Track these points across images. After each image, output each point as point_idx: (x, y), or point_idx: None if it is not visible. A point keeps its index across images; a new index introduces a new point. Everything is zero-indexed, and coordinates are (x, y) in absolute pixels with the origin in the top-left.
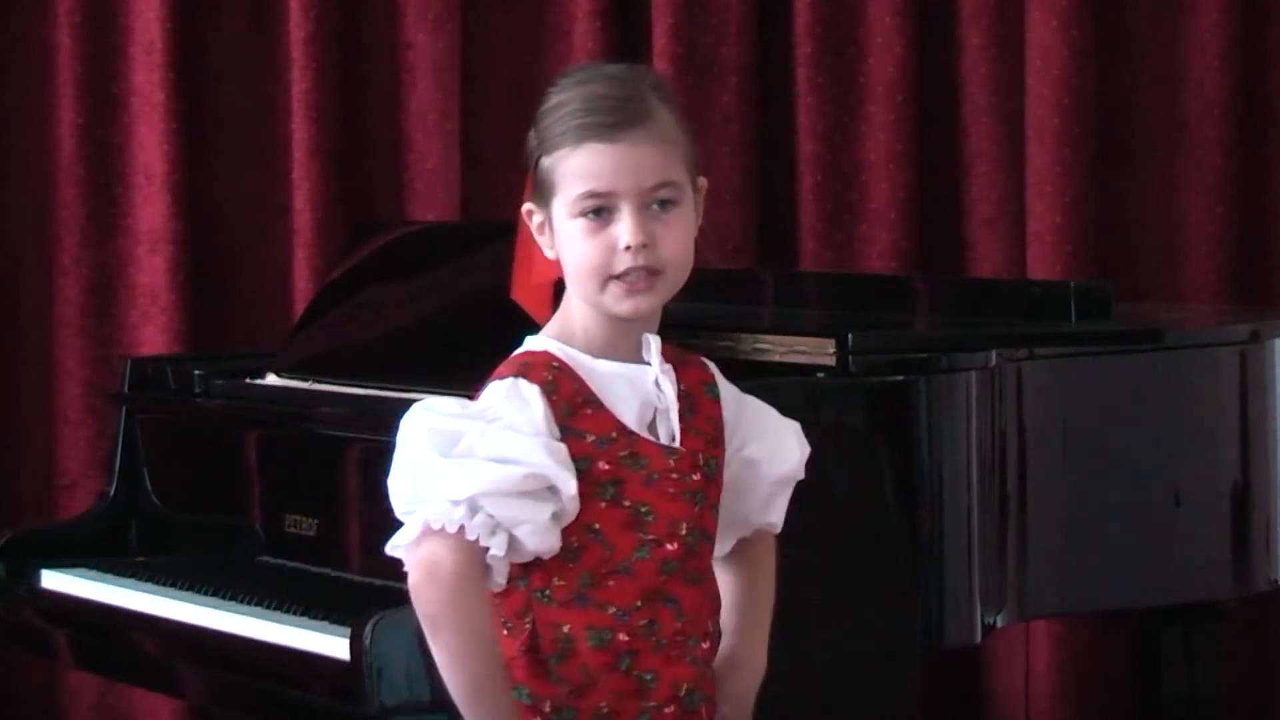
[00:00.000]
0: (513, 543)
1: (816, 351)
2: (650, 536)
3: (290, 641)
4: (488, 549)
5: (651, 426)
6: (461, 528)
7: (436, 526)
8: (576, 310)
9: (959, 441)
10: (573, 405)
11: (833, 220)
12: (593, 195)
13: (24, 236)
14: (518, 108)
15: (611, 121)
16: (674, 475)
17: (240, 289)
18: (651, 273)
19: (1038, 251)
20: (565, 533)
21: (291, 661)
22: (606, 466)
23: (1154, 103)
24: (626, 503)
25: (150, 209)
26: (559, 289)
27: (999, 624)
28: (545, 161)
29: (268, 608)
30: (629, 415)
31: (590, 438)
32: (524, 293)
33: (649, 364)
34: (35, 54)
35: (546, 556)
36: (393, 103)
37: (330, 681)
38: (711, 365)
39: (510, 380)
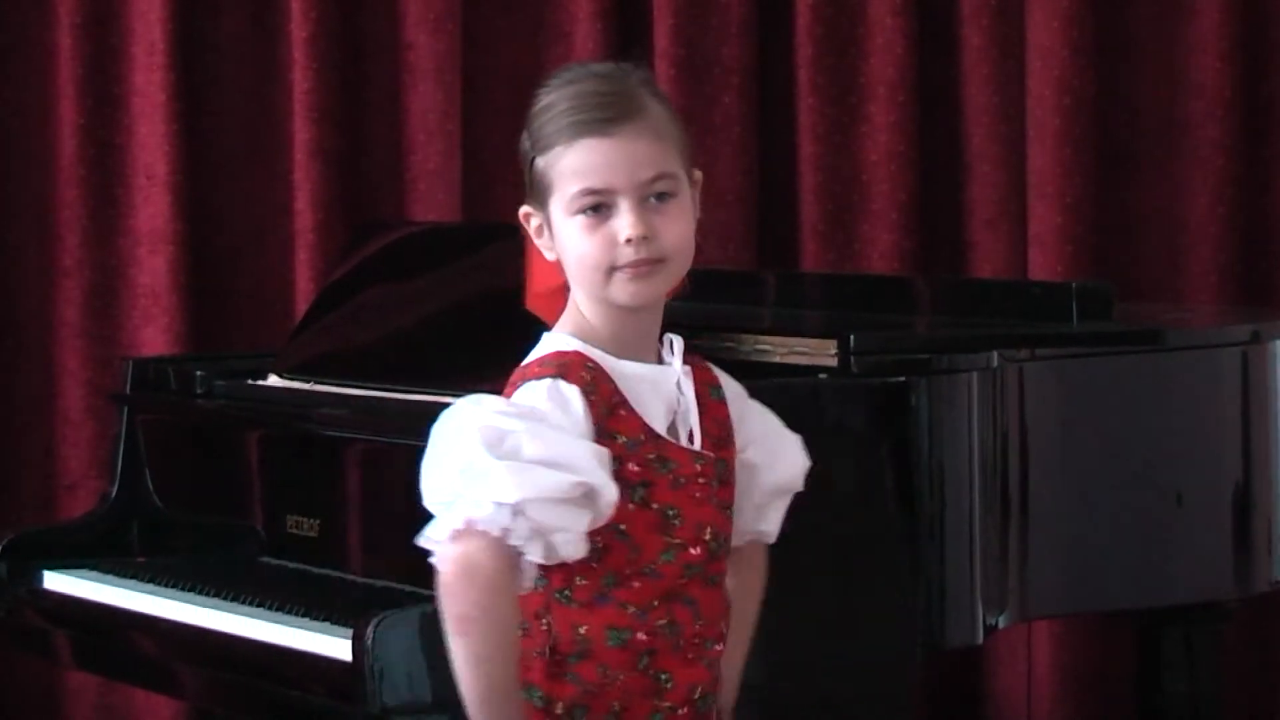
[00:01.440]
0: (548, 548)
1: (818, 352)
2: (677, 540)
3: (291, 642)
4: (523, 554)
5: (671, 429)
6: (504, 530)
7: (480, 527)
8: (587, 312)
9: (960, 442)
10: (610, 406)
11: (834, 221)
12: (590, 192)
13: (25, 237)
14: (519, 109)
15: (605, 117)
16: (700, 480)
17: (241, 289)
18: (654, 262)
19: (1039, 252)
20: (591, 534)
21: (293, 662)
22: (636, 469)
23: (1155, 103)
24: (655, 505)
25: (151, 209)
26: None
27: (1001, 624)
28: (540, 162)
29: (269, 608)
30: (655, 418)
31: (621, 439)
32: (536, 301)
33: (669, 364)
34: (36, 54)
35: (572, 561)
36: (394, 103)
37: (331, 682)
38: (714, 367)
39: (550, 380)
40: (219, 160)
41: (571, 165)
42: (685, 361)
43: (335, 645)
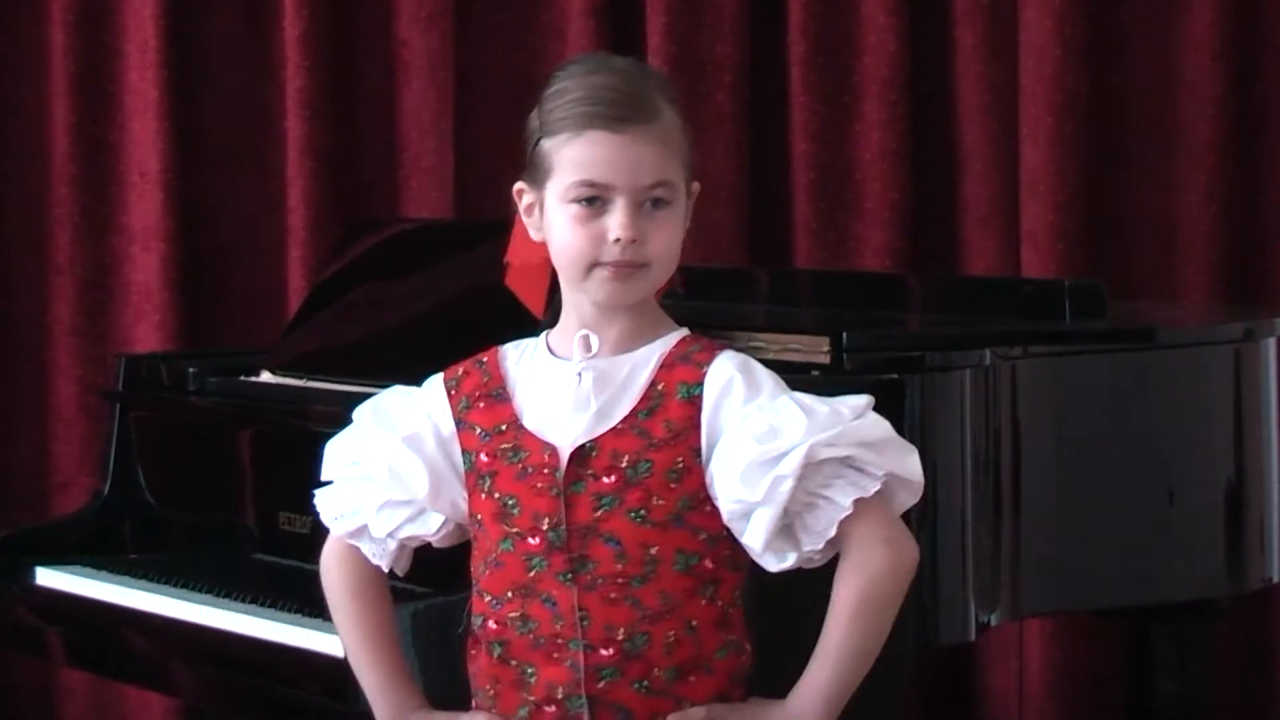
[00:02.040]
0: (365, 531)
1: (811, 350)
2: (514, 529)
3: (284, 639)
4: (340, 536)
5: (546, 421)
6: (329, 518)
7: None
8: (565, 301)
9: (953, 439)
10: (470, 399)
11: (826, 219)
12: (589, 184)
13: (18, 235)
14: (511, 106)
15: (617, 114)
16: (545, 470)
17: (234, 286)
18: (638, 265)
19: (1031, 250)
20: (469, 523)
21: (285, 659)
22: (486, 459)
23: (1148, 103)
24: (497, 495)
25: (144, 207)
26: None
27: (993, 622)
28: (545, 144)
29: (262, 605)
30: (531, 409)
31: (478, 430)
32: (515, 278)
33: (585, 359)
34: (30, 53)
35: (442, 545)
36: (387, 101)
37: (324, 679)
38: (738, 361)
39: (434, 376)
40: (212, 158)
41: (576, 154)
42: (683, 358)
43: (327, 642)
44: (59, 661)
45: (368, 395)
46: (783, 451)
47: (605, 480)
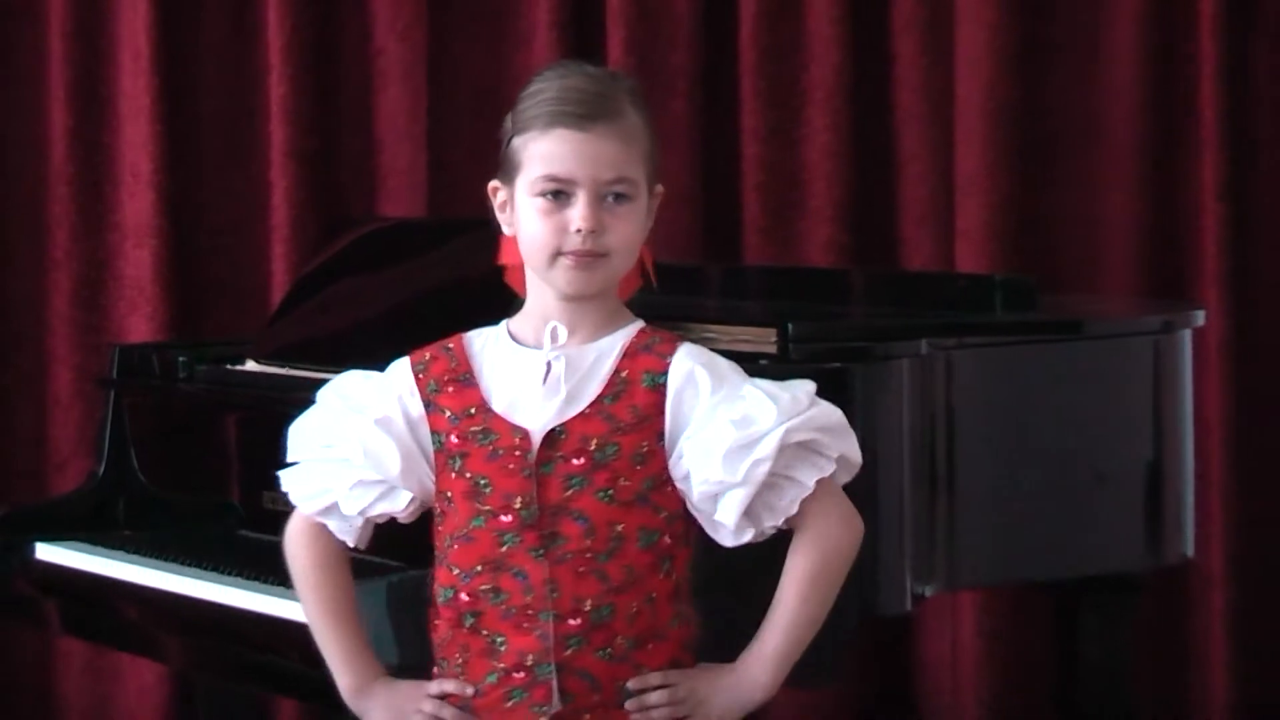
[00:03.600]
0: (335, 509)
1: (759, 340)
2: (486, 507)
3: (266, 610)
4: (307, 513)
5: (513, 406)
6: (295, 498)
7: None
8: (530, 293)
9: (892, 424)
10: (439, 383)
11: (774, 217)
12: (553, 178)
13: (18, 231)
14: (482, 112)
15: (582, 112)
16: (517, 453)
17: (221, 280)
18: (597, 255)
19: (965, 247)
20: (437, 500)
21: (267, 628)
22: (456, 440)
23: (1074, 108)
24: (468, 474)
25: (136, 205)
26: None
27: (928, 594)
28: (516, 141)
29: (246, 578)
30: (498, 394)
31: (447, 413)
32: (511, 274)
33: (554, 348)
34: (29, 61)
35: (407, 520)
36: (364, 106)
37: (302, 647)
38: (692, 353)
39: (401, 359)
40: (200, 159)
41: (542, 150)
42: (645, 348)
43: None
44: (56, 631)
45: None
46: (759, 436)
47: (575, 462)
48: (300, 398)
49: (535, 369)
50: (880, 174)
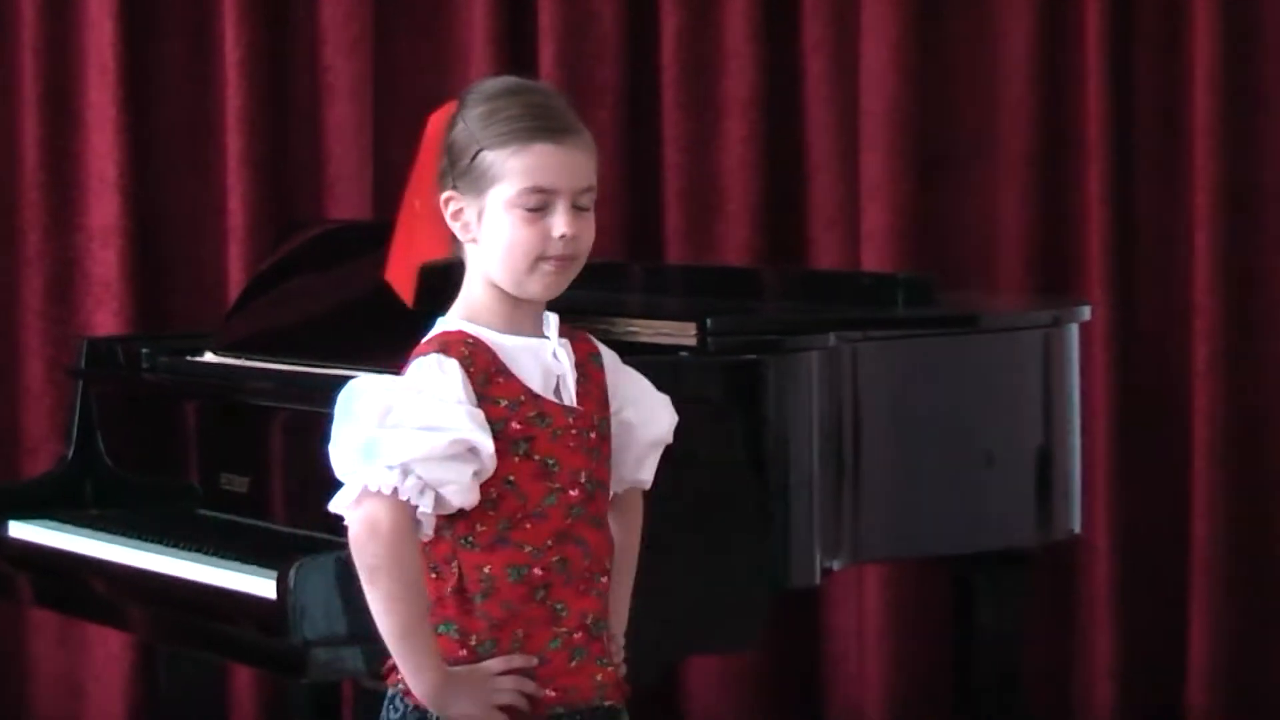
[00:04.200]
0: (439, 499)
1: (679, 334)
2: (557, 485)
3: (224, 583)
4: (418, 507)
5: (556, 391)
6: (395, 489)
7: (374, 489)
8: (481, 293)
9: (803, 411)
10: (487, 375)
11: (694, 221)
12: (538, 190)
13: None
14: (423, 123)
15: (559, 127)
16: (573, 431)
17: (181, 279)
18: (572, 259)
19: (870, 248)
20: (484, 487)
21: (225, 600)
22: (518, 426)
23: (970, 120)
24: (536, 456)
25: (103, 209)
26: (433, 277)
27: (836, 568)
28: (490, 155)
29: (204, 554)
30: (534, 381)
31: (503, 402)
32: (395, 274)
33: (547, 338)
34: (3, 75)
35: (468, 509)
36: (314, 118)
37: (259, 618)
38: (596, 340)
39: (434, 356)
40: (161, 166)
41: (524, 164)
42: (568, 336)
43: (262, 585)
44: (28, 603)
45: (298, 373)
46: (664, 436)
47: (593, 436)
48: (257, 387)
49: (543, 357)
50: (791, 181)
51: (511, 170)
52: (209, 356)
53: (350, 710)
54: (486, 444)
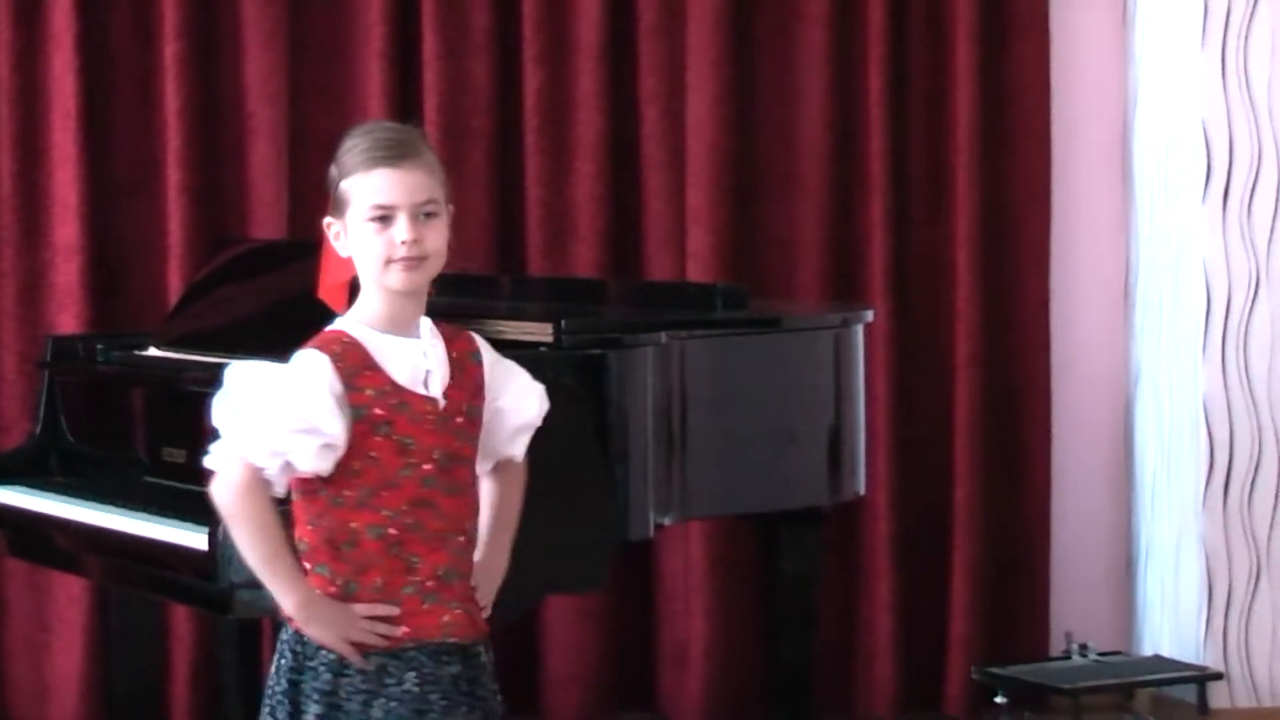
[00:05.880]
0: (288, 465)
1: (540, 332)
2: (412, 460)
3: (165, 537)
4: (264, 469)
5: (425, 383)
6: (247, 453)
7: (231, 453)
8: (369, 298)
9: (640, 395)
10: (355, 369)
11: (552, 241)
12: (381, 207)
13: None
14: (329, 159)
15: (395, 154)
16: (430, 416)
17: (131, 287)
18: (420, 259)
19: (695, 263)
20: (350, 458)
21: (166, 551)
22: (381, 411)
23: (777, 159)
24: (395, 436)
25: (66, 231)
26: (354, 289)
27: (667, 523)
28: (344, 184)
29: (150, 513)
30: (401, 375)
31: (369, 391)
32: (326, 292)
33: (419, 339)
34: None
35: (324, 474)
36: (240, 157)
37: (194, 565)
38: (479, 339)
39: (309, 351)
40: (115, 195)
41: (368, 186)
42: (451, 336)
43: (196, 539)
44: (4, 553)
45: (224, 364)
46: (533, 420)
47: (458, 420)
48: (193, 376)
49: (413, 353)
50: (630, 209)
51: (359, 193)
52: (153, 351)
53: (268, 641)
54: (331, 425)
